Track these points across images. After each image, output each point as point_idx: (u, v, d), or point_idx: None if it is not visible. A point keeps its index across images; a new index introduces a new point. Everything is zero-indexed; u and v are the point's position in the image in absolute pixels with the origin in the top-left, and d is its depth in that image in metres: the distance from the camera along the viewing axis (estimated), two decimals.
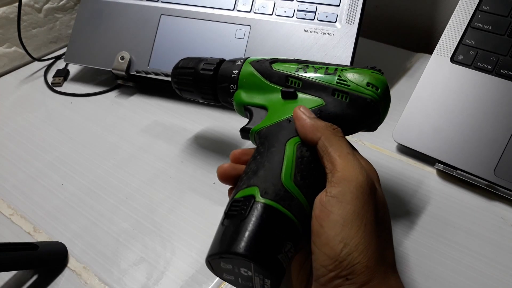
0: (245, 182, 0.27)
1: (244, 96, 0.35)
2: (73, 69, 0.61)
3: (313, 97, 0.32)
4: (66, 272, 0.36)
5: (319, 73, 0.32)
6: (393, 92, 0.54)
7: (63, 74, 0.60)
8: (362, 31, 0.49)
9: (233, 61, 0.37)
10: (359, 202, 0.25)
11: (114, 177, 0.44)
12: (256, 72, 0.35)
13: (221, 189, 0.42)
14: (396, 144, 0.46)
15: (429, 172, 0.43)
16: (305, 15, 0.50)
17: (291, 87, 0.33)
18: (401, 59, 0.60)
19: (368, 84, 0.31)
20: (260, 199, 0.25)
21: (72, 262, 0.36)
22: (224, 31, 0.51)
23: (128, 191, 0.43)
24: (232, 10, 0.52)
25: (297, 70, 0.33)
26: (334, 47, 0.48)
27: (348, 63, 0.47)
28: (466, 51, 0.44)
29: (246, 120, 0.35)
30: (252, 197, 0.26)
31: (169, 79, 0.52)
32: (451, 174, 0.42)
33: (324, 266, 0.24)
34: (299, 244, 0.26)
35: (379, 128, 0.50)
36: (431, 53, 0.46)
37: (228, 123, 0.50)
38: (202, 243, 0.37)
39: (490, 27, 0.44)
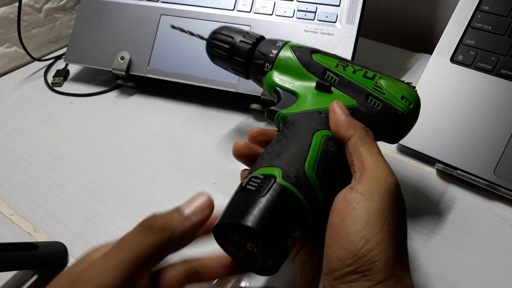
0: (266, 160, 0.27)
1: (277, 78, 0.35)
2: (73, 69, 0.61)
3: (347, 96, 0.32)
4: None
5: (358, 74, 0.33)
6: None
7: (63, 74, 0.60)
8: (362, 31, 0.49)
9: (274, 41, 0.37)
10: (386, 201, 0.25)
11: (114, 177, 0.44)
12: (295, 58, 0.35)
13: (221, 189, 0.42)
14: (396, 144, 0.46)
15: (429, 172, 0.43)
16: (305, 15, 0.50)
17: (327, 80, 0.33)
18: (401, 59, 0.60)
19: (402, 97, 0.32)
20: (282, 181, 0.25)
21: (72, 262, 0.36)
22: None
23: (128, 191, 0.43)
24: (232, 10, 0.52)
25: (337, 66, 0.33)
26: (334, 47, 0.48)
27: None
28: (466, 51, 0.44)
29: (250, 117, 0.35)
30: (273, 177, 0.26)
31: (169, 79, 0.52)
32: (451, 174, 0.42)
33: (341, 260, 0.24)
34: (305, 235, 0.27)
35: None
36: (431, 53, 0.46)
37: (228, 123, 0.50)
38: (202, 243, 0.37)
39: (490, 27, 0.44)
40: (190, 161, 0.46)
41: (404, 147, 0.44)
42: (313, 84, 0.33)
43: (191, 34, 0.43)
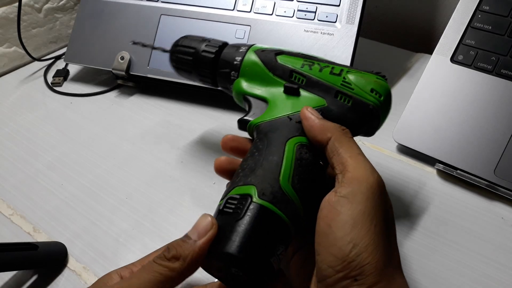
0: (241, 179, 0.27)
1: (245, 85, 0.34)
2: (73, 69, 0.61)
3: (316, 96, 0.32)
4: (66, 272, 0.36)
5: (325, 72, 0.32)
6: (393, 92, 0.54)
7: (63, 74, 0.60)
8: (362, 31, 0.49)
9: (237, 46, 0.36)
10: (370, 203, 0.25)
11: (114, 177, 0.44)
12: (260, 62, 0.34)
13: (221, 189, 0.42)
14: (396, 144, 0.46)
15: (429, 172, 0.43)
16: (305, 15, 0.50)
17: (295, 83, 0.32)
18: (401, 59, 0.60)
19: (372, 90, 0.31)
20: (258, 200, 0.25)
21: (72, 262, 0.36)
22: (224, 31, 0.51)
23: (128, 191, 0.43)
24: (232, 10, 0.52)
25: (302, 66, 0.33)
26: (334, 47, 0.47)
27: (348, 63, 0.47)
28: (466, 51, 0.44)
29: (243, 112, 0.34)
30: (249, 196, 0.25)
31: (169, 79, 0.52)
32: (451, 174, 0.42)
33: (331, 267, 0.24)
34: (289, 247, 0.27)
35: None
36: (431, 53, 0.46)
37: (228, 123, 0.50)
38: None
39: (490, 27, 0.44)
40: (190, 161, 0.46)
41: (404, 147, 0.44)
42: (282, 88, 0.32)
43: (153, 48, 0.43)
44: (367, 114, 0.31)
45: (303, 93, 0.32)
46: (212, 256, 0.25)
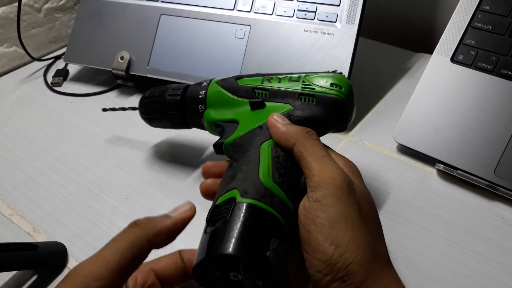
0: (224, 188, 0.27)
1: (214, 113, 0.36)
2: (73, 69, 0.61)
3: (281, 104, 0.33)
4: (65, 273, 0.36)
5: (284, 81, 0.34)
6: (393, 92, 0.54)
7: (62, 74, 0.60)
8: (362, 31, 0.49)
9: (199, 83, 0.38)
10: (341, 202, 0.25)
11: (114, 177, 0.44)
12: (222, 90, 0.36)
13: None
14: (397, 144, 0.45)
15: (430, 172, 0.43)
16: (305, 15, 0.49)
17: (258, 97, 0.34)
18: (401, 59, 0.60)
19: (332, 84, 0.32)
20: (241, 199, 0.25)
21: (71, 262, 0.36)
22: (224, 31, 0.51)
23: (128, 191, 0.43)
24: (232, 10, 0.52)
25: (262, 81, 0.34)
26: (334, 47, 0.47)
27: (348, 63, 0.47)
28: (466, 51, 0.44)
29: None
30: (233, 199, 0.25)
31: (169, 78, 0.52)
32: (451, 174, 0.42)
33: (319, 271, 0.24)
34: (288, 243, 0.26)
35: (379, 128, 0.50)
36: (431, 53, 0.46)
37: None
38: None
39: (490, 27, 0.44)
40: (190, 160, 0.46)
41: (405, 147, 0.44)
42: (248, 106, 0.34)
43: (123, 109, 0.46)
44: (333, 107, 0.32)
45: (268, 104, 0.33)
46: (205, 264, 0.24)
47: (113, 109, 0.47)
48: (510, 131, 0.40)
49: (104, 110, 0.48)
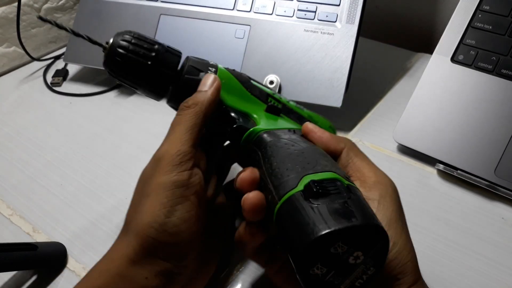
0: (308, 168, 0.24)
1: (224, 97, 0.32)
2: (73, 69, 0.61)
3: (292, 121, 0.34)
4: (65, 273, 0.36)
5: (291, 104, 0.35)
6: (393, 92, 0.54)
7: (62, 74, 0.60)
8: (362, 31, 0.49)
9: (202, 59, 0.33)
10: (397, 204, 0.26)
11: (113, 177, 0.44)
12: (235, 79, 0.33)
13: None
14: (397, 144, 0.45)
15: (430, 172, 0.43)
16: (305, 14, 0.49)
17: (277, 105, 0.34)
18: (401, 59, 0.60)
19: (329, 126, 0.37)
20: (348, 183, 0.24)
21: (71, 263, 0.36)
22: (223, 31, 0.51)
23: (128, 191, 0.42)
24: (232, 9, 0.52)
25: (274, 93, 0.34)
26: (334, 47, 0.47)
27: (348, 63, 0.47)
28: (466, 51, 0.44)
29: None
30: (337, 180, 0.24)
31: None
32: (451, 174, 0.42)
33: None
34: None
35: (379, 128, 0.50)
36: (431, 53, 0.46)
37: None
38: None
39: (490, 27, 0.44)
40: None
41: (405, 147, 0.44)
42: (262, 107, 0.33)
43: (90, 40, 0.35)
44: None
45: (283, 116, 0.34)
46: (348, 233, 0.21)
47: (74, 33, 0.35)
48: (510, 131, 0.40)
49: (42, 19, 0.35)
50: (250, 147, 0.30)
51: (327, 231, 0.20)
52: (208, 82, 0.30)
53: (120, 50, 0.31)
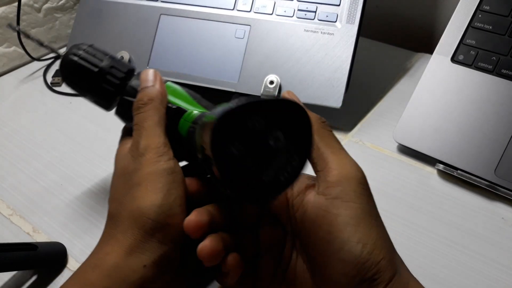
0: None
1: (171, 99, 0.32)
2: None
3: None
4: (65, 273, 0.36)
5: None
6: (393, 92, 0.54)
7: None
8: (362, 31, 0.49)
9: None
10: (364, 198, 0.24)
11: None
12: (182, 89, 0.33)
13: None
14: (397, 144, 0.45)
15: (430, 172, 0.43)
16: (305, 14, 0.49)
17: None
18: (401, 59, 0.60)
19: None
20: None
21: (71, 263, 0.36)
22: (224, 31, 0.51)
23: None
24: (232, 9, 0.52)
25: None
26: (335, 47, 0.47)
27: (348, 62, 0.47)
28: (466, 51, 0.44)
29: None
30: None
31: (169, 78, 0.51)
32: (451, 174, 0.42)
33: (344, 274, 0.23)
34: None
35: (379, 128, 0.50)
36: (431, 53, 0.46)
37: None
38: None
39: (490, 27, 0.44)
40: None
41: (405, 147, 0.44)
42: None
43: (41, 44, 0.37)
44: None
45: None
46: (265, 105, 0.20)
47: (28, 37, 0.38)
48: (510, 131, 0.40)
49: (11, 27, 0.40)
50: (188, 125, 0.30)
51: (243, 103, 0.19)
52: (150, 77, 0.31)
53: (71, 58, 0.33)
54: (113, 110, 0.36)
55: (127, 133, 0.33)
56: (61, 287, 0.25)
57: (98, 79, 0.33)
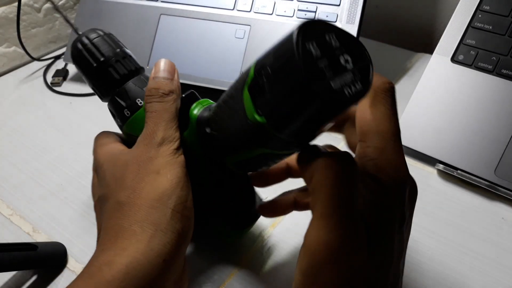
0: None
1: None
2: (73, 69, 0.61)
3: None
4: (65, 273, 0.36)
5: None
6: None
7: (62, 74, 0.60)
8: (362, 31, 0.49)
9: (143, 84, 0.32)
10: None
11: None
12: None
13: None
14: None
15: (430, 173, 0.43)
16: (305, 14, 0.49)
17: None
18: (402, 59, 0.60)
19: None
20: None
21: (71, 263, 0.36)
22: (224, 31, 0.51)
23: None
24: (232, 9, 0.52)
25: None
26: None
27: None
28: (466, 51, 0.44)
29: None
30: None
31: None
32: (451, 175, 0.42)
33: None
34: None
35: None
36: (431, 53, 0.46)
37: None
38: (204, 244, 0.37)
39: (490, 27, 0.44)
40: None
41: (405, 147, 0.44)
42: None
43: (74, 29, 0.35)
44: None
45: None
46: (337, 29, 0.21)
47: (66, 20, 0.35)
48: (511, 131, 0.40)
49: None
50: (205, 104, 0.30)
51: (324, 19, 0.21)
52: (170, 68, 0.32)
53: (77, 45, 0.32)
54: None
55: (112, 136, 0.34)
56: (69, 287, 0.23)
57: (97, 71, 0.32)
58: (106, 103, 0.34)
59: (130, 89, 0.32)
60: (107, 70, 0.32)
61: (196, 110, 0.30)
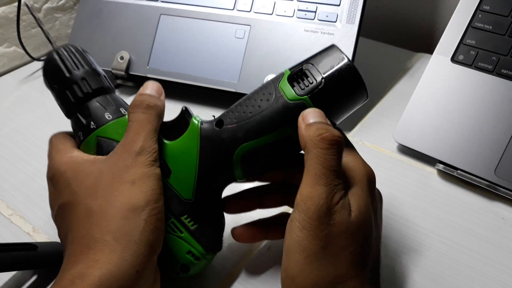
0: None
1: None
2: None
3: None
4: None
5: None
6: (394, 92, 0.54)
7: None
8: (363, 31, 0.49)
9: (107, 106, 0.32)
10: (305, 232, 0.26)
11: None
12: None
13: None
14: (397, 144, 0.45)
15: (430, 172, 0.43)
16: (305, 14, 0.49)
17: None
18: (402, 59, 0.60)
19: None
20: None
21: None
22: (224, 31, 0.51)
23: None
24: (232, 9, 0.52)
25: None
26: None
27: None
28: (466, 51, 0.44)
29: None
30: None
31: (169, 78, 0.52)
32: (451, 174, 0.42)
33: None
34: None
35: (379, 128, 0.50)
36: (431, 53, 0.46)
37: None
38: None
39: (490, 27, 0.44)
40: None
41: (405, 147, 0.44)
42: None
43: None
44: None
45: None
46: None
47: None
48: (511, 131, 0.40)
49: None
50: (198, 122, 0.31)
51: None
52: (155, 87, 0.32)
53: (53, 55, 0.32)
54: None
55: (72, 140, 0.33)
56: None
57: (65, 84, 0.32)
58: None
59: (98, 108, 0.32)
60: (73, 85, 0.32)
61: (196, 119, 0.31)
